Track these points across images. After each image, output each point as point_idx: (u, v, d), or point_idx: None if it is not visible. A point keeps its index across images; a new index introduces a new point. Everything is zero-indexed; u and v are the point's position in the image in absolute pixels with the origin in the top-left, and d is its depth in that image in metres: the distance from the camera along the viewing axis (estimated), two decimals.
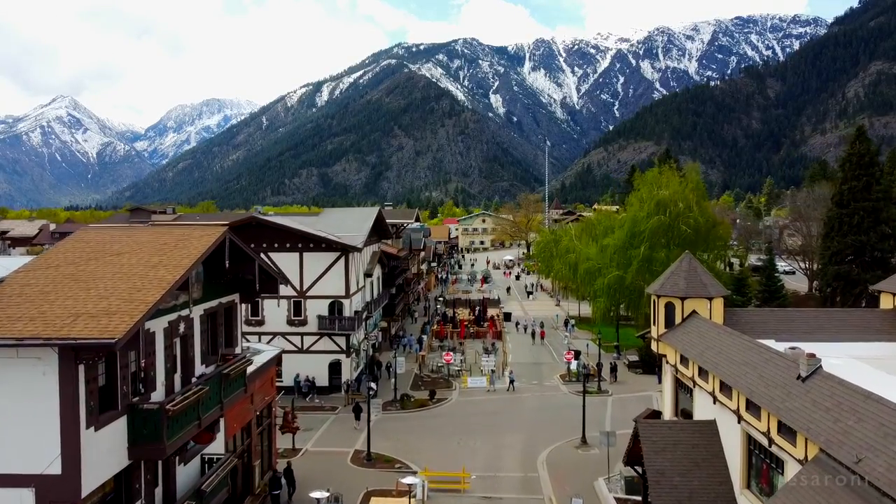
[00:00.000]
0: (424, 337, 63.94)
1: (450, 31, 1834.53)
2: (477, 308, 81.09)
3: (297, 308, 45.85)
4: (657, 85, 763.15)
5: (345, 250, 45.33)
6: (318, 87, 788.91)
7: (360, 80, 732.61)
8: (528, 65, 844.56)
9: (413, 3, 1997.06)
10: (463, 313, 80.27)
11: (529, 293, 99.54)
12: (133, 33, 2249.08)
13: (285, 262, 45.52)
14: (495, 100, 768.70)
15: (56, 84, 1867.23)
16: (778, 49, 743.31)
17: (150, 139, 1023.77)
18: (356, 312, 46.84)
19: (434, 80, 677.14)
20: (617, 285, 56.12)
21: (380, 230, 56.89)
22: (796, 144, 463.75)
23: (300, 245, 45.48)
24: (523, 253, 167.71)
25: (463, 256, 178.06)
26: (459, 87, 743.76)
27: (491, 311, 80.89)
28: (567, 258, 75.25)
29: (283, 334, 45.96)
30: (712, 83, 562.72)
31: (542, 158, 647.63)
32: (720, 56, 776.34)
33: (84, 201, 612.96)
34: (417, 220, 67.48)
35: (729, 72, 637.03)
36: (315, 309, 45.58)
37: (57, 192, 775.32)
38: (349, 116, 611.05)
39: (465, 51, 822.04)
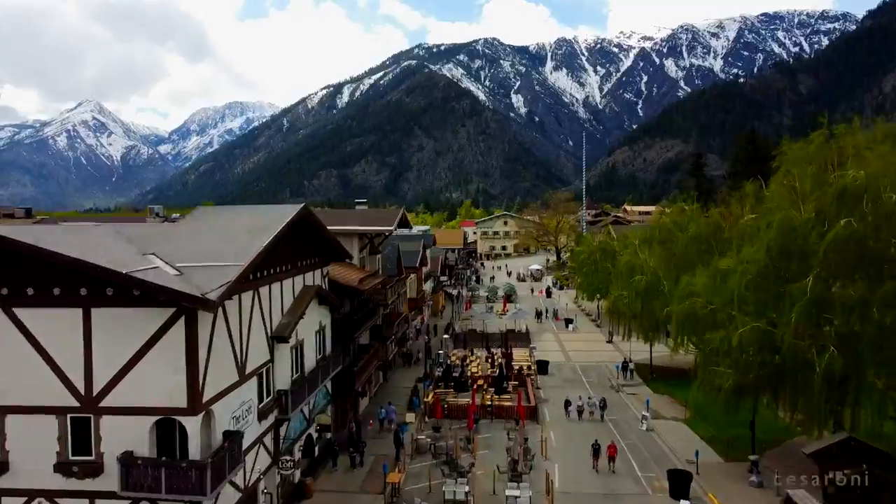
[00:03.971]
0: (410, 421, 37.50)
1: (470, 31, 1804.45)
2: (498, 353, 54.61)
3: (80, 436, 19.51)
4: (682, 83, 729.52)
5: (183, 305, 18.82)
6: (338, 88, 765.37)
7: (381, 82, 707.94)
8: (549, 64, 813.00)
9: (433, 4, 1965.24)
10: (477, 360, 53.70)
11: (569, 322, 72.34)
12: (157, 38, 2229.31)
13: (52, 328, 19.27)
14: (517, 100, 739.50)
15: (82, 89, 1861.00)
16: (806, 46, 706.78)
17: (173, 142, 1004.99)
18: (227, 437, 20.46)
19: (455, 80, 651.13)
20: (757, 345, 29.33)
21: (320, 247, 30.51)
22: None
23: (85, 292, 19.12)
24: (553, 261, 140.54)
25: (482, 264, 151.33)
26: (480, 87, 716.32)
27: (518, 356, 54.25)
28: (634, 283, 48.23)
29: (51, 495, 19.66)
30: (741, 79, 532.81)
31: (565, 158, 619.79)
32: (746, 53, 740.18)
33: (108, 204, 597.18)
34: (404, 223, 40.89)
35: (756, 69, 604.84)
36: (119, 439, 19.21)
37: (82, 196, 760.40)
38: (369, 117, 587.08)
39: (486, 51, 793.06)
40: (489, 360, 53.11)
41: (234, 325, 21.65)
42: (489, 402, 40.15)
